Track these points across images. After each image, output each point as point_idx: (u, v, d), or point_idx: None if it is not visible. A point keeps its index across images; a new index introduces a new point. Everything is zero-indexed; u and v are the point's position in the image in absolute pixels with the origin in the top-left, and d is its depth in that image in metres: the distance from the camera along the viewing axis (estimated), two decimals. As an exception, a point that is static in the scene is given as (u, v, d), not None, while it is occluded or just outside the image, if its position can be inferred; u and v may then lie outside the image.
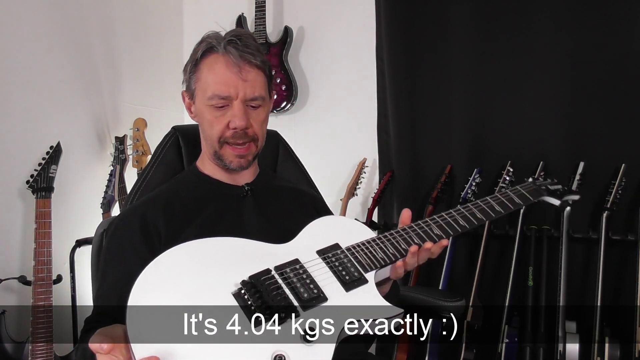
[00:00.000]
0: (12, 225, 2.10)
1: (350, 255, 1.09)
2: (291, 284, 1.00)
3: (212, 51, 1.19)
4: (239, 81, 1.17)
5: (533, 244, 2.16)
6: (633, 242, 2.02)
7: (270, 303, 0.95)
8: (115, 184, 2.32)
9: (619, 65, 2.11)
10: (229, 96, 1.17)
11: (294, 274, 1.02)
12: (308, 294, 0.99)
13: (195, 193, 1.25)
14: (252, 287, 0.97)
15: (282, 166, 1.50)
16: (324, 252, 1.09)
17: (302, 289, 0.99)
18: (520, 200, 1.31)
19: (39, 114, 2.19)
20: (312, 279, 1.02)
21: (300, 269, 1.04)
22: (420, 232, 1.16)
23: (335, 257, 1.08)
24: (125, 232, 1.17)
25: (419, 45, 2.46)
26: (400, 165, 2.53)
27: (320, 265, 1.06)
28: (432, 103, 2.45)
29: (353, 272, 1.05)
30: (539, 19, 2.22)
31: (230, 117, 1.18)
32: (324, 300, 0.99)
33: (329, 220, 1.21)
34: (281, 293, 0.98)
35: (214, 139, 1.21)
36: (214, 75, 1.17)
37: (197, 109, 1.24)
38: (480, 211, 1.24)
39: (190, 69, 1.22)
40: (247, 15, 2.80)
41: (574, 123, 2.19)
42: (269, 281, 1.00)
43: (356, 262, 1.07)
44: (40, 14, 2.21)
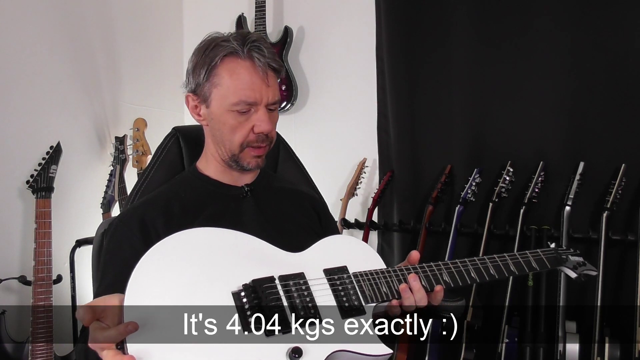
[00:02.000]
0: (12, 225, 2.10)
1: (355, 282, 1.08)
2: (291, 298, 1.01)
3: (232, 56, 1.17)
4: (264, 86, 1.17)
5: (533, 244, 2.15)
6: (633, 242, 2.02)
7: (267, 313, 0.95)
8: (115, 184, 2.32)
9: (619, 65, 2.11)
10: (255, 102, 1.17)
11: (295, 288, 1.03)
12: (305, 312, 0.99)
13: (195, 194, 1.25)
14: (252, 292, 0.98)
15: (282, 167, 1.50)
16: (331, 272, 1.08)
17: (300, 306, 1.00)
18: (537, 266, 1.28)
19: (39, 114, 2.19)
20: (312, 297, 1.02)
21: (304, 284, 1.04)
22: (430, 274, 1.14)
23: (340, 281, 1.08)
24: (125, 233, 1.17)
25: (419, 45, 2.46)
26: (400, 165, 2.53)
27: (324, 285, 1.06)
28: (432, 103, 2.45)
29: (353, 300, 1.05)
30: (540, 19, 2.22)
31: (254, 122, 1.18)
32: (319, 321, 1.00)
33: (344, 240, 1.20)
34: (279, 306, 0.98)
35: (236, 143, 1.20)
36: (238, 81, 1.16)
37: (214, 114, 1.21)
38: (494, 267, 1.22)
39: (205, 74, 1.18)
40: (247, 15, 2.80)
41: (574, 123, 2.19)
42: (270, 290, 1.00)
43: (359, 290, 1.07)
44: (41, 14, 2.21)
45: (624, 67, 2.10)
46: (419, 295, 1.10)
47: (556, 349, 2.03)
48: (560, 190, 2.18)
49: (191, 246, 1.00)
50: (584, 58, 2.16)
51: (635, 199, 2.08)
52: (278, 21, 2.81)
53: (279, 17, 2.82)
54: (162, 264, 0.95)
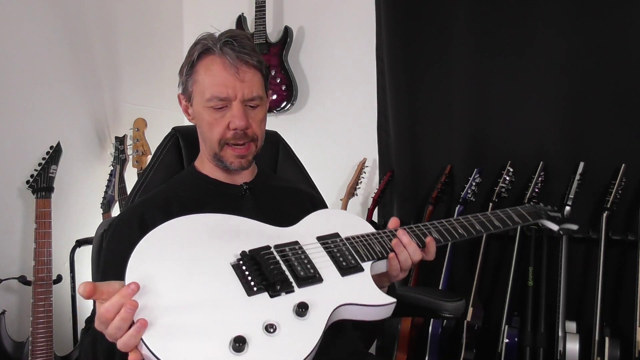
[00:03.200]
0: (12, 225, 2.10)
1: (349, 244, 1.11)
2: (289, 262, 1.02)
3: (208, 53, 1.18)
4: (237, 82, 1.17)
5: (533, 244, 2.16)
6: (633, 242, 2.02)
7: (267, 276, 0.97)
8: (115, 184, 2.32)
9: (619, 65, 2.11)
10: (227, 97, 1.17)
11: (292, 254, 1.05)
12: (305, 273, 1.01)
13: (194, 193, 1.25)
14: (250, 259, 1.00)
15: (282, 166, 1.50)
16: (324, 238, 1.11)
17: (299, 267, 1.02)
18: (520, 220, 1.37)
19: (39, 114, 2.19)
20: (309, 260, 1.04)
21: (299, 250, 1.06)
22: (419, 233, 1.18)
23: (334, 244, 1.10)
24: (124, 232, 1.17)
25: (418, 45, 2.46)
26: (400, 165, 2.53)
27: (319, 250, 1.08)
28: (432, 103, 2.45)
29: (350, 260, 1.07)
30: (539, 19, 2.22)
31: (229, 118, 1.19)
32: (319, 281, 1.01)
33: (332, 212, 1.24)
34: (279, 268, 1.00)
35: (214, 140, 1.21)
36: (211, 77, 1.17)
37: (195, 111, 1.23)
38: (479, 223, 1.29)
39: (186, 72, 1.21)
40: (247, 15, 2.80)
41: (574, 123, 2.19)
42: (268, 256, 1.01)
43: (354, 251, 1.09)
44: (41, 14, 2.21)
45: (624, 67, 2.10)
46: (411, 248, 1.13)
47: (556, 349, 2.03)
48: (560, 190, 2.18)
49: (186, 229, 1.02)
50: (583, 58, 2.16)
51: (635, 199, 2.08)
52: (278, 21, 2.81)
53: (279, 17, 2.82)
54: (159, 247, 0.97)
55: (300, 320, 0.92)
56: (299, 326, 0.91)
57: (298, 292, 0.97)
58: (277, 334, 0.89)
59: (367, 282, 1.05)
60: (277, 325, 0.89)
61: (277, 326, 0.89)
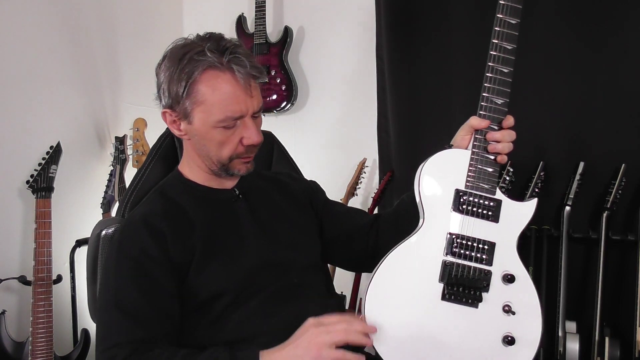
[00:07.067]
0: (12, 225, 2.10)
1: (472, 190, 1.18)
2: (470, 258, 1.15)
3: (211, 69, 1.11)
4: (248, 98, 1.13)
5: (533, 244, 2.15)
6: (633, 242, 2.01)
7: (471, 284, 1.12)
8: (115, 184, 2.33)
9: (619, 65, 2.10)
10: (241, 115, 1.14)
11: (462, 249, 1.15)
12: (487, 256, 1.15)
13: (187, 199, 1.23)
14: (456, 282, 1.13)
15: (276, 166, 1.51)
16: (454, 204, 1.18)
17: (479, 255, 1.15)
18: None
19: (38, 114, 2.19)
20: (473, 238, 1.15)
21: (461, 239, 1.15)
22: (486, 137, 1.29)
23: (467, 203, 1.17)
24: (135, 247, 1.14)
25: (419, 44, 2.45)
26: (400, 165, 2.53)
27: (463, 218, 1.16)
28: (432, 103, 2.45)
29: (488, 204, 1.17)
30: (539, 19, 2.22)
31: (243, 134, 1.16)
32: (493, 246, 1.15)
33: (427, 173, 1.31)
34: (473, 271, 1.14)
35: (224, 157, 1.18)
36: (221, 95, 1.11)
37: (198, 131, 1.16)
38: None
39: (184, 90, 1.13)
40: (247, 15, 2.80)
41: (574, 123, 2.18)
42: (459, 268, 1.14)
43: (483, 192, 1.18)
44: (41, 13, 2.21)
45: (624, 67, 2.10)
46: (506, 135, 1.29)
47: (556, 349, 2.02)
48: (560, 190, 2.17)
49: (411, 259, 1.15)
50: (584, 58, 2.15)
51: (635, 199, 2.08)
52: (278, 21, 2.81)
53: (279, 17, 2.81)
54: (390, 281, 1.12)
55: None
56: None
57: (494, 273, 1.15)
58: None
59: (512, 208, 1.21)
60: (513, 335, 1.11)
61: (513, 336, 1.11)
